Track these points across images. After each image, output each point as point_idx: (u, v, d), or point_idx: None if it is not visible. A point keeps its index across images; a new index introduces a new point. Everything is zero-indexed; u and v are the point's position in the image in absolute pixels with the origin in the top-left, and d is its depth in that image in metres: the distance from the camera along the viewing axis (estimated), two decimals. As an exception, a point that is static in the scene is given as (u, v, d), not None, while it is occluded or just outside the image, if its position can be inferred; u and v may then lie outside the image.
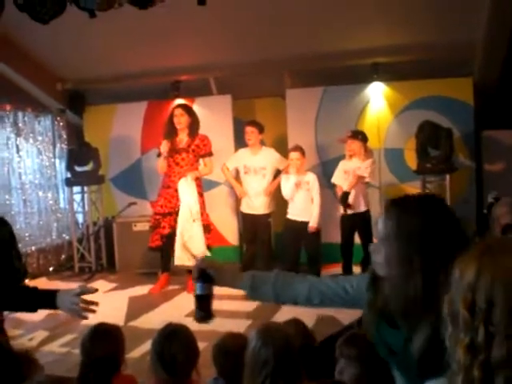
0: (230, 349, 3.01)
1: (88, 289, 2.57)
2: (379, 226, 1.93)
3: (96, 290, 2.54)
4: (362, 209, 7.18)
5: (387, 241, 1.88)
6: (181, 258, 7.16)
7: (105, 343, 2.89)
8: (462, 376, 1.15)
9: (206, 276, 2.32)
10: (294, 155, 7.16)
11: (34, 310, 2.64)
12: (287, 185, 7.17)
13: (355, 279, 2.20)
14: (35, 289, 2.61)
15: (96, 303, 2.51)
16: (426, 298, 1.77)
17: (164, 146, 7.29)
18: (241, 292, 2.36)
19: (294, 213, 7.22)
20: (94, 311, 2.47)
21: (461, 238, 1.86)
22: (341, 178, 7.30)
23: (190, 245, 7.13)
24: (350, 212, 7.12)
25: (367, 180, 7.25)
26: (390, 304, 1.86)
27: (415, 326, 1.78)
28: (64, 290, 2.56)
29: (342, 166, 7.36)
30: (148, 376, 2.91)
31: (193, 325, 3.08)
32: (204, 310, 2.36)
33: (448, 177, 7.39)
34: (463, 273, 1.18)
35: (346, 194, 7.07)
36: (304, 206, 7.17)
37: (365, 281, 2.06)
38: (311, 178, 7.23)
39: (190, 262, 7.22)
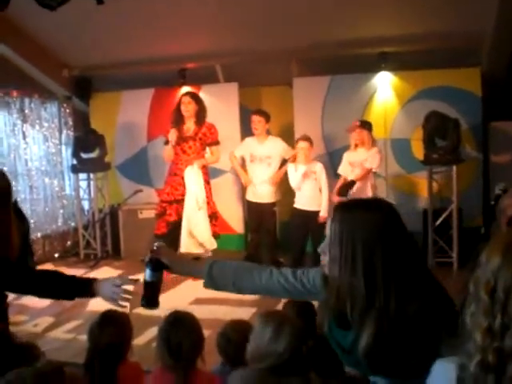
0: (233, 337, 3.02)
1: (128, 280, 2.57)
2: (327, 228, 2.01)
3: (136, 281, 2.53)
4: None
5: (333, 242, 1.96)
6: (187, 246, 7.19)
7: (113, 330, 2.90)
8: (478, 358, 1.17)
9: (157, 264, 2.32)
10: (302, 144, 7.14)
11: (71, 297, 2.65)
12: (295, 175, 7.15)
13: (312, 274, 2.24)
14: (73, 277, 2.63)
15: (131, 292, 2.52)
16: (369, 296, 1.85)
17: (172, 135, 7.29)
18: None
19: (302, 202, 7.20)
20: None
21: (406, 240, 1.93)
22: (347, 170, 7.28)
23: (197, 232, 7.15)
24: None
25: (375, 170, 7.23)
26: (338, 304, 1.92)
27: (361, 325, 1.85)
28: (104, 279, 2.57)
29: (347, 157, 7.33)
30: (153, 363, 2.92)
31: (198, 312, 3.09)
32: (148, 296, 2.37)
33: (455, 168, 7.36)
34: (490, 258, 1.20)
35: (350, 184, 7.04)
36: (311, 195, 7.15)
37: (319, 276, 2.12)
38: (318, 168, 7.20)
39: (196, 250, 7.24)
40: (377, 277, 1.85)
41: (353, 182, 7.06)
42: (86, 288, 2.54)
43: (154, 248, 2.42)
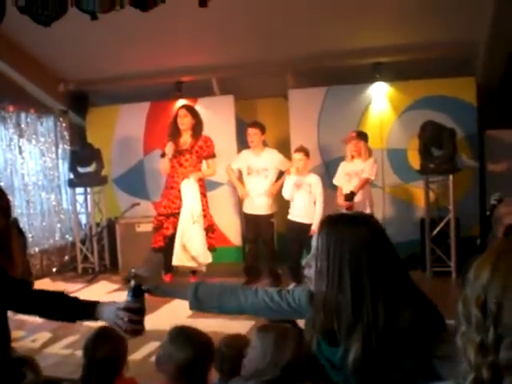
0: (228, 353, 2.97)
1: (133, 306, 2.44)
2: (313, 241, 2.03)
3: (140, 309, 2.41)
4: (366, 210, 7.12)
5: (320, 256, 1.96)
6: (180, 258, 7.20)
7: (107, 346, 2.88)
8: (472, 375, 1.15)
9: (137, 290, 2.30)
10: (297, 156, 7.15)
11: (73, 320, 2.60)
12: (286, 185, 7.17)
13: (297, 293, 2.24)
14: (76, 299, 2.57)
15: (142, 322, 2.40)
16: (356, 311, 1.86)
17: (169, 148, 7.30)
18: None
19: (295, 214, 7.20)
20: (140, 333, 2.38)
21: (392, 255, 1.94)
22: (342, 180, 7.29)
23: (190, 246, 7.15)
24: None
25: (372, 180, 7.24)
26: (326, 320, 1.92)
27: (349, 340, 1.85)
28: (108, 303, 2.50)
29: (343, 168, 7.34)
30: (151, 378, 2.89)
31: (196, 325, 3.07)
32: (133, 323, 2.33)
33: (451, 177, 7.37)
34: (478, 274, 1.19)
35: (351, 194, 7.04)
36: (305, 207, 7.14)
37: (304, 295, 2.12)
38: (314, 180, 7.19)
39: (189, 263, 7.25)
40: (364, 291, 1.86)
41: (352, 194, 7.07)
42: (90, 311, 2.49)
43: (133, 274, 2.41)
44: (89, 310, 2.48)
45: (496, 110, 7.64)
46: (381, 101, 8.21)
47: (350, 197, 7.02)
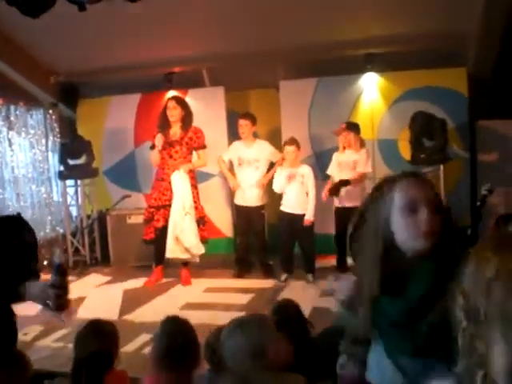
0: (217, 346, 2.99)
1: (57, 283, 2.36)
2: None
3: (63, 285, 2.35)
4: (357, 203, 7.11)
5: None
6: (173, 251, 7.18)
7: (98, 340, 2.88)
8: (482, 372, 1.13)
9: (59, 268, 2.35)
10: (289, 149, 7.15)
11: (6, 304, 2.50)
12: (279, 178, 7.16)
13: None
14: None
15: (66, 297, 2.34)
16: None
17: (159, 140, 7.26)
18: (235, 285, 2.35)
19: (288, 205, 7.20)
20: (65, 307, 2.35)
21: None
22: (336, 171, 7.30)
23: (183, 238, 7.13)
24: (341, 205, 7.12)
25: (369, 171, 7.27)
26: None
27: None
28: (34, 283, 2.43)
29: (336, 158, 7.36)
30: (143, 370, 2.89)
31: (187, 317, 3.07)
32: (59, 298, 2.32)
33: (442, 167, 7.38)
34: (481, 267, 1.16)
35: (344, 183, 7.05)
36: (297, 198, 7.14)
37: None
38: (307, 171, 7.20)
39: (182, 255, 7.24)
40: None
41: (346, 182, 7.07)
42: (21, 293, 2.41)
43: (57, 253, 2.45)
44: (20, 291, 2.41)
45: (487, 100, 7.63)
46: (372, 91, 8.20)
47: (335, 190, 7.05)
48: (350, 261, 7.23)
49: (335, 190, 7.12)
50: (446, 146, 7.42)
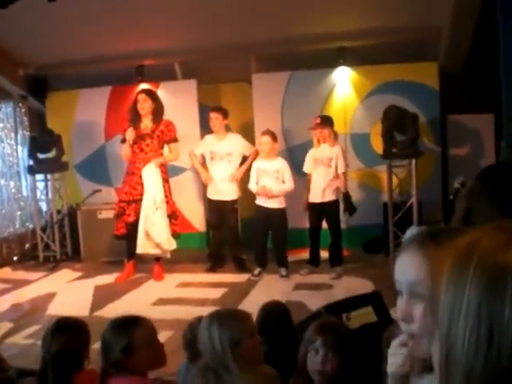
0: (192, 336, 3.01)
1: None
2: None
3: None
4: (332, 198, 7.12)
5: None
6: (144, 246, 7.11)
7: (66, 339, 2.81)
8: None
9: None
10: (263, 139, 7.11)
11: None
12: (252, 177, 7.17)
13: None
14: None
15: None
16: None
17: (130, 133, 7.17)
18: (208, 279, 2.34)
19: (262, 198, 7.16)
20: None
21: None
22: (311, 167, 7.25)
23: (153, 233, 7.06)
24: (314, 201, 7.13)
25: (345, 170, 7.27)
26: None
27: None
28: None
29: (312, 154, 7.28)
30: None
31: (160, 312, 3.03)
32: None
33: (414, 161, 7.42)
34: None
35: (348, 197, 7.07)
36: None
37: None
38: (283, 165, 7.15)
39: (153, 250, 7.17)
40: None
41: (347, 194, 7.09)
42: None
43: None
44: None
45: (458, 94, 7.70)
46: (344, 85, 8.21)
47: (350, 207, 7.08)
48: (322, 254, 7.27)
49: (351, 207, 7.11)
50: (418, 140, 7.46)
